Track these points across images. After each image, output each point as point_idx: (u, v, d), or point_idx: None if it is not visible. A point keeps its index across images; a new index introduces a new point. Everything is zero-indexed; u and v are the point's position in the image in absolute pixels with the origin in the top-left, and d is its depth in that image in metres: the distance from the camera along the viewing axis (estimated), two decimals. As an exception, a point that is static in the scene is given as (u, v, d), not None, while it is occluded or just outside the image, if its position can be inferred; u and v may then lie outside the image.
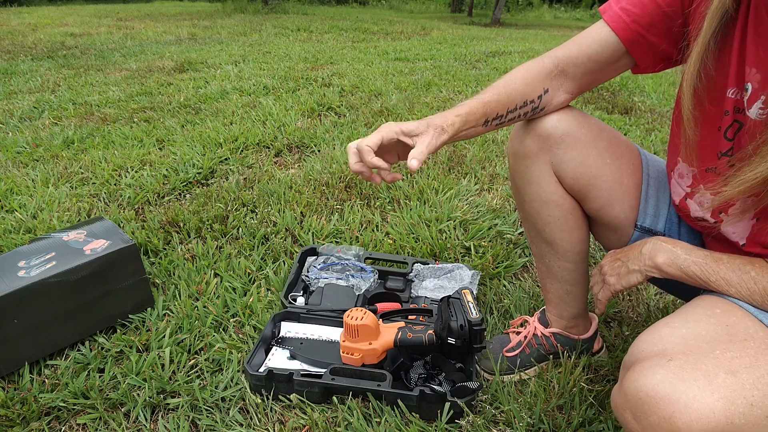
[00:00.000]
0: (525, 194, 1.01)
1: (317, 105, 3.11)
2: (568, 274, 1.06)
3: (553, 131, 0.93)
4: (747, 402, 0.62)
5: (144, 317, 1.28)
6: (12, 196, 1.89)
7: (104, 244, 1.23)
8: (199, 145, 2.40)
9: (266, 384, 1.05)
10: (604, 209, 0.97)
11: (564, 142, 0.93)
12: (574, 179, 0.94)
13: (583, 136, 0.93)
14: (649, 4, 0.83)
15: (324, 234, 1.69)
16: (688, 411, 0.61)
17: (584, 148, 0.93)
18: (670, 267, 0.79)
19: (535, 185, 0.98)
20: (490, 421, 1.03)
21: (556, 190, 0.97)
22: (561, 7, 20.67)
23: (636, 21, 0.84)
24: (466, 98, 0.91)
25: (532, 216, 1.02)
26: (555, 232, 1.01)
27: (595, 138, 0.94)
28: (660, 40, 0.84)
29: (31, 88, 3.56)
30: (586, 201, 0.97)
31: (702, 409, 0.61)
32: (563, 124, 0.93)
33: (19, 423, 1.00)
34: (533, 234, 1.06)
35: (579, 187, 0.95)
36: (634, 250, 0.85)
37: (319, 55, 5.07)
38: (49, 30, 6.63)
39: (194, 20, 8.15)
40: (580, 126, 0.93)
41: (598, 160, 0.93)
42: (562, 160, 0.94)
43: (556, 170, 0.95)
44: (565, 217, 0.99)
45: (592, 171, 0.94)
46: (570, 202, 0.98)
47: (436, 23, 9.97)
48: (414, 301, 1.34)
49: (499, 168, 2.24)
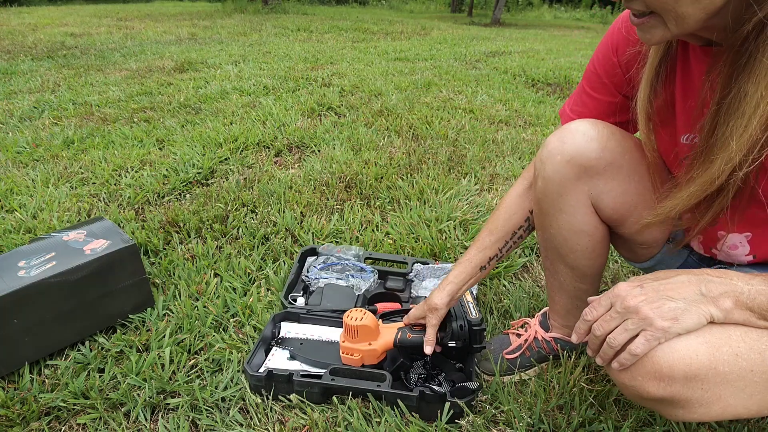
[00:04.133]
0: (553, 221, 0.94)
1: (317, 105, 3.11)
2: (582, 293, 1.03)
3: (596, 162, 0.85)
4: (732, 351, 0.62)
5: (144, 317, 1.28)
6: (12, 196, 1.89)
7: (104, 244, 1.22)
8: (199, 145, 2.40)
9: (266, 384, 1.05)
10: (641, 233, 0.93)
11: (607, 173, 0.86)
12: (613, 209, 0.90)
13: (626, 163, 0.86)
14: (589, 101, 0.94)
15: (324, 234, 1.69)
16: (672, 350, 0.63)
17: (626, 176, 0.87)
18: (739, 307, 0.64)
19: (567, 215, 0.91)
20: (490, 421, 1.02)
21: (590, 221, 0.92)
22: (561, 7, 20.67)
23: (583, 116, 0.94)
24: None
25: (557, 242, 0.97)
26: (580, 259, 0.96)
27: (638, 163, 0.87)
28: (619, 117, 0.92)
29: (31, 88, 3.55)
30: (622, 227, 0.93)
31: (685, 350, 0.62)
32: (607, 153, 0.85)
33: (19, 423, 1.00)
34: (553, 255, 1.00)
35: (617, 216, 0.91)
36: (685, 288, 0.66)
37: (319, 55, 5.07)
38: (49, 30, 6.63)
39: (194, 20, 8.15)
40: (624, 152, 0.86)
41: (639, 186, 0.88)
42: (603, 191, 0.87)
43: (594, 201, 0.89)
44: (593, 245, 0.95)
45: (633, 199, 0.88)
46: (602, 231, 0.93)
47: (436, 23, 9.97)
48: (414, 301, 1.34)
49: (499, 168, 2.24)
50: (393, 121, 2.85)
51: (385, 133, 2.68)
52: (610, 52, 0.88)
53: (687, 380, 0.62)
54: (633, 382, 0.66)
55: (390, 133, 2.68)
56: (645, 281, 0.68)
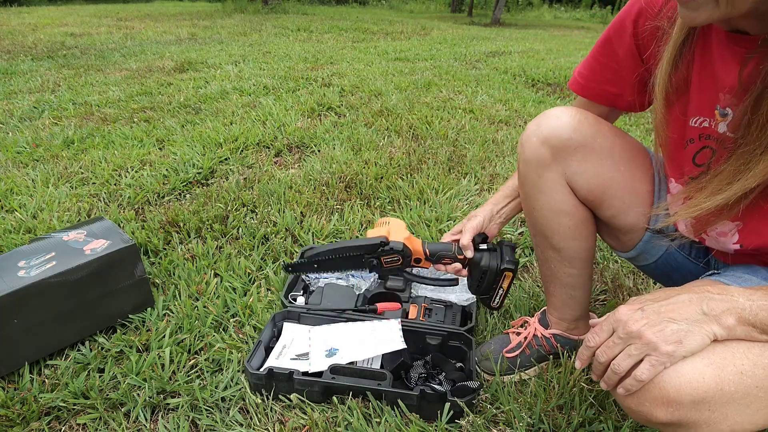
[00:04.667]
0: (535, 202, 0.98)
1: (317, 105, 3.11)
2: (573, 280, 1.05)
3: (568, 143, 0.90)
4: (737, 370, 0.62)
5: (144, 317, 1.28)
6: (12, 196, 1.89)
7: (104, 244, 1.22)
8: (199, 145, 2.40)
9: (266, 383, 1.05)
10: (618, 216, 0.95)
11: (579, 153, 0.90)
12: (588, 190, 0.93)
13: (599, 146, 0.91)
14: (596, 65, 0.95)
15: (324, 234, 1.69)
16: (678, 375, 0.62)
17: (599, 159, 0.91)
18: (741, 323, 0.64)
19: (546, 195, 0.96)
20: (490, 421, 1.03)
21: (568, 200, 0.95)
22: (561, 7, 20.67)
23: (590, 80, 0.97)
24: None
25: (541, 224, 1.00)
26: (564, 240, 0.99)
27: (610, 147, 0.92)
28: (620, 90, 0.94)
29: (31, 88, 3.55)
30: (599, 210, 0.96)
31: (691, 374, 0.62)
32: (578, 135, 0.90)
33: (19, 423, 1.00)
34: (540, 240, 1.04)
35: (593, 198, 0.94)
36: (686, 308, 0.65)
37: (319, 55, 5.07)
38: (49, 30, 6.63)
39: (194, 20, 8.15)
40: (596, 136, 0.91)
41: (613, 169, 0.92)
42: (576, 171, 0.92)
43: (569, 181, 0.93)
44: (576, 226, 0.98)
45: (607, 181, 0.92)
46: (582, 211, 0.97)
47: (436, 23, 9.97)
48: (414, 301, 1.34)
49: (499, 168, 2.24)
50: (393, 121, 2.85)
51: (385, 133, 2.69)
52: (627, 21, 0.87)
53: (694, 404, 0.61)
54: (640, 407, 0.65)
55: (390, 133, 2.68)
56: (645, 303, 0.67)
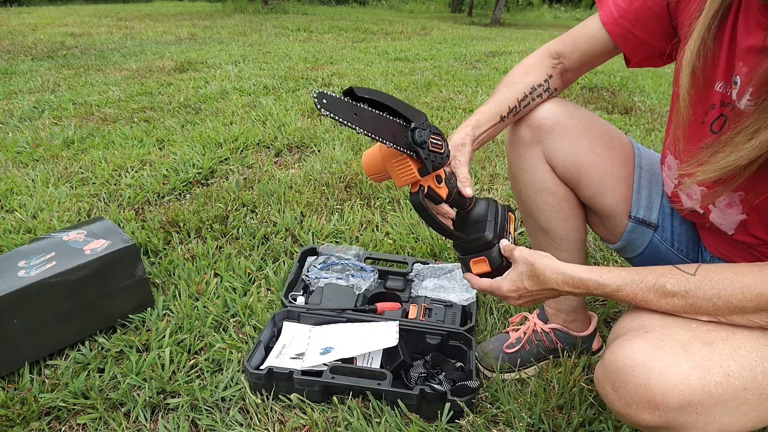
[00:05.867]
0: (520, 182, 1.03)
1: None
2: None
3: (544, 121, 0.96)
4: (723, 372, 0.62)
5: (144, 317, 1.28)
6: (12, 196, 1.89)
7: (104, 244, 1.23)
8: (199, 145, 2.40)
9: (266, 383, 1.05)
10: (596, 197, 0.98)
11: (555, 132, 0.95)
12: (565, 168, 0.97)
13: (574, 127, 0.96)
14: (636, 0, 0.88)
15: (324, 234, 1.69)
16: (663, 378, 0.62)
17: (574, 138, 0.95)
18: (566, 285, 0.79)
19: (529, 173, 1.00)
20: (490, 421, 1.03)
21: (549, 178, 0.99)
22: (561, 7, 20.68)
23: (623, 16, 0.89)
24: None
25: (527, 204, 1.04)
26: (550, 219, 1.03)
27: (586, 129, 0.96)
28: (648, 36, 0.88)
29: (31, 88, 3.56)
30: (578, 189, 0.99)
31: (677, 376, 0.62)
32: (554, 114, 0.96)
33: (19, 423, 1.00)
34: (530, 222, 1.07)
35: (570, 176, 0.97)
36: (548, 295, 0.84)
37: (319, 55, 5.07)
38: (49, 30, 6.63)
39: (194, 20, 8.15)
40: (571, 116, 0.96)
41: (588, 149, 0.96)
42: (553, 149, 0.96)
43: (548, 159, 0.98)
44: (559, 204, 1.01)
45: (583, 160, 0.96)
46: (564, 190, 1.00)
47: (436, 23, 9.97)
48: (414, 301, 1.34)
49: (499, 168, 2.24)
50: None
51: (385, 133, 2.68)
52: None
53: (681, 407, 0.61)
54: (627, 410, 0.65)
55: (390, 133, 2.68)
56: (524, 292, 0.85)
